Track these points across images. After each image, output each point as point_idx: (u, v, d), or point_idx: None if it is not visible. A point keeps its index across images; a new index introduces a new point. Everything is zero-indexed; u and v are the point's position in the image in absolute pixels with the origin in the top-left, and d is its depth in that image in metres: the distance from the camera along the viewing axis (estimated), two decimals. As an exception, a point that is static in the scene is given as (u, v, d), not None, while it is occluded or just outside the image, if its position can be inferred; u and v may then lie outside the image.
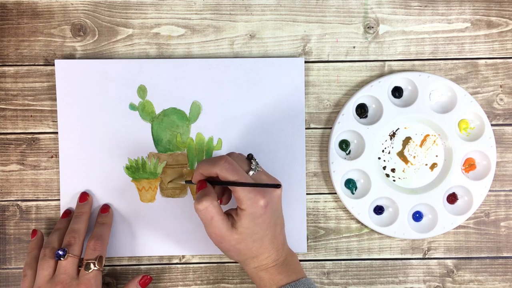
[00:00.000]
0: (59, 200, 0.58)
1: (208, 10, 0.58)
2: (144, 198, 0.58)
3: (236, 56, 0.59)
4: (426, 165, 0.59)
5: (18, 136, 0.58)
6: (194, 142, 0.58)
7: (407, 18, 0.59)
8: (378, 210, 0.59)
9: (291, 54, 0.59)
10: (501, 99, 0.60)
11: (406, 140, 0.59)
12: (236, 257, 0.51)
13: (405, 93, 0.59)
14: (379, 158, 0.59)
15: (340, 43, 0.59)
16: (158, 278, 0.59)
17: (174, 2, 0.58)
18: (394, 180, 0.59)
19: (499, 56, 0.60)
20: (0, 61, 0.58)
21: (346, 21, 0.59)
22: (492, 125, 0.59)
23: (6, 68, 0.58)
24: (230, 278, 0.59)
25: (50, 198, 0.58)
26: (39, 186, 0.58)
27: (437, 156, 0.59)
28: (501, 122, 0.60)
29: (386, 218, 0.59)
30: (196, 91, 0.58)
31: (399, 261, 0.60)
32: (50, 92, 0.58)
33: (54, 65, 0.57)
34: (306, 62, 0.59)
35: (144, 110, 0.57)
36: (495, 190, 0.60)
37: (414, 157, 0.59)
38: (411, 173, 0.59)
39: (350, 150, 0.59)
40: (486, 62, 0.60)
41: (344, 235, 0.60)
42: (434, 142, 0.59)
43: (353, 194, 0.59)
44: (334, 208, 0.59)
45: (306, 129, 0.59)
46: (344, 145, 0.59)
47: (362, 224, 0.59)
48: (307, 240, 0.59)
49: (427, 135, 0.59)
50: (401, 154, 0.59)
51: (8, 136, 0.58)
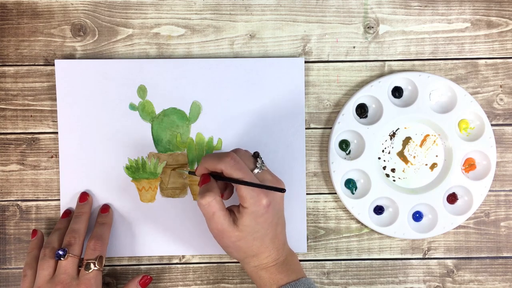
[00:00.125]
0: (59, 200, 0.58)
1: (208, 10, 0.58)
2: (144, 198, 0.58)
3: (236, 56, 0.59)
4: (426, 165, 0.59)
5: (18, 136, 0.58)
6: (194, 142, 0.58)
7: (407, 18, 0.59)
8: (378, 210, 0.59)
9: (291, 54, 0.59)
10: (501, 99, 0.60)
11: (406, 140, 0.59)
12: (236, 254, 0.51)
13: (405, 93, 0.59)
14: (379, 158, 0.59)
15: (340, 43, 0.59)
16: (158, 278, 0.59)
17: (174, 2, 0.58)
18: (394, 180, 0.59)
19: (499, 56, 0.60)
20: (0, 61, 0.58)
21: (346, 21, 0.59)
22: (492, 125, 0.59)
23: (6, 68, 0.58)
24: (230, 278, 0.59)
25: (50, 198, 0.58)
26: (39, 186, 0.58)
27: (437, 156, 0.59)
28: (501, 122, 0.60)
29: (386, 218, 0.59)
30: (196, 91, 0.58)
31: (399, 261, 0.60)
32: (50, 92, 0.58)
33: (54, 65, 0.57)
34: (306, 62, 0.59)
35: (144, 110, 0.57)
36: (495, 190, 0.60)
37: (414, 157, 0.59)
38: (411, 173, 0.59)
39: (350, 150, 0.59)
40: (486, 62, 0.60)
41: (344, 235, 0.60)
42: (434, 142, 0.59)
43: (353, 194, 0.59)
44: (334, 208, 0.59)
45: (306, 129, 0.59)
46: (344, 145, 0.59)
47: (362, 224, 0.59)
48: (307, 240, 0.59)
49: (427, 135, 0.59)
50: (401, 154, 0.59)
51: (8, 136, 0.58)
